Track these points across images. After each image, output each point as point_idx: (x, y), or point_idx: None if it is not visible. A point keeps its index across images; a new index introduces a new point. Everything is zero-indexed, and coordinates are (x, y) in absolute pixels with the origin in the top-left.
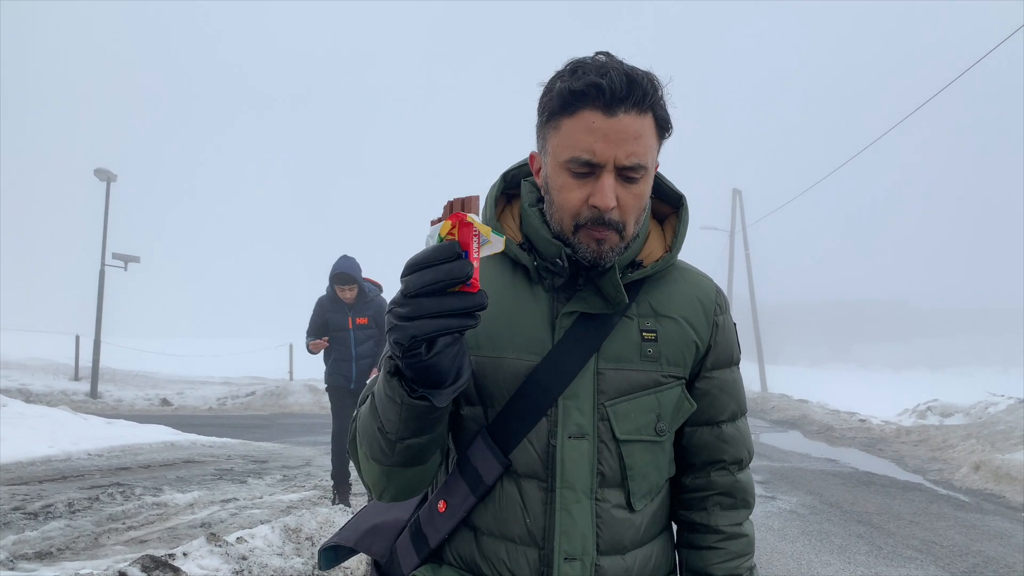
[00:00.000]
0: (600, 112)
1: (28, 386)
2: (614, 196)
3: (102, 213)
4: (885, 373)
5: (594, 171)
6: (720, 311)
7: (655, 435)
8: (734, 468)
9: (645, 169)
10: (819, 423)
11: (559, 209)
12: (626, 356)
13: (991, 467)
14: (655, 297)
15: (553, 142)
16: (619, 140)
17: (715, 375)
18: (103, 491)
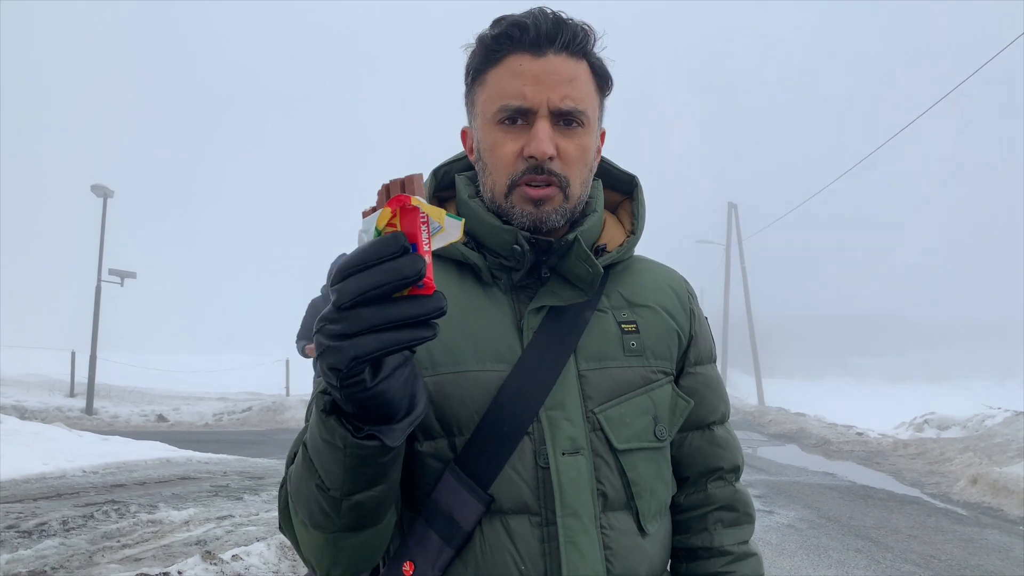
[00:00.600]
0: (527, 54)
1: (23, 403)
2: (552, 143)
3: (98, 228)
4: (882, 386)
5: (527, 118)
6: (693, 300)
7: (655, 440)
8: (732, 477)
9: (586, 116)
10: (816, 436)
11: (492, 171)
12: (608, 352)
13: (988, 480)
14: (625, 287)
15: (481, 99)
16: (551, 82)
17: (699, 371)
18: (98, 508)
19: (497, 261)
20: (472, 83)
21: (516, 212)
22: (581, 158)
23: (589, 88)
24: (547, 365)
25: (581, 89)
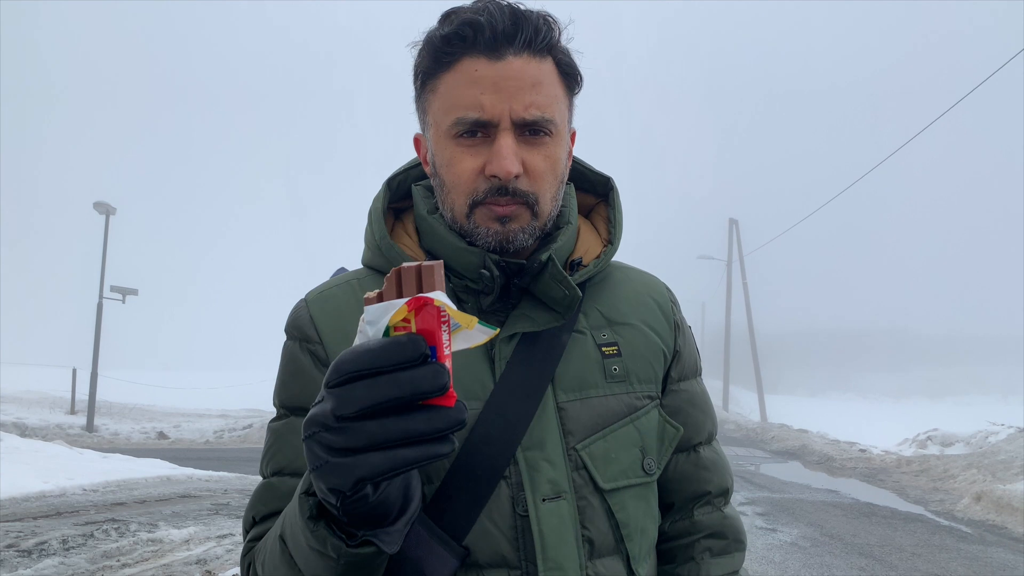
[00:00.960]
0: (483, 57)
1: (24, 420)
2: (517, 160)
3: (99, 245)
4: (884, 402)
5: (488, 132)
6: (677, 309)
7: (644, 475)
8: (720, 502)
9: (553, 125)
10: (819, 453)
11: (450, 190)
12: (588, 380)
13: (992, 498)
14: (604, 304)
15: (434, 108)
16: (513, 89)
17: (683, 387)
18: (98, 527)
19: (462, 284)
20: (422, 88)
21: (480, 232)
22: (551, 171)
23: (556, 90)
24: (523, 399)
25: (547, 93)
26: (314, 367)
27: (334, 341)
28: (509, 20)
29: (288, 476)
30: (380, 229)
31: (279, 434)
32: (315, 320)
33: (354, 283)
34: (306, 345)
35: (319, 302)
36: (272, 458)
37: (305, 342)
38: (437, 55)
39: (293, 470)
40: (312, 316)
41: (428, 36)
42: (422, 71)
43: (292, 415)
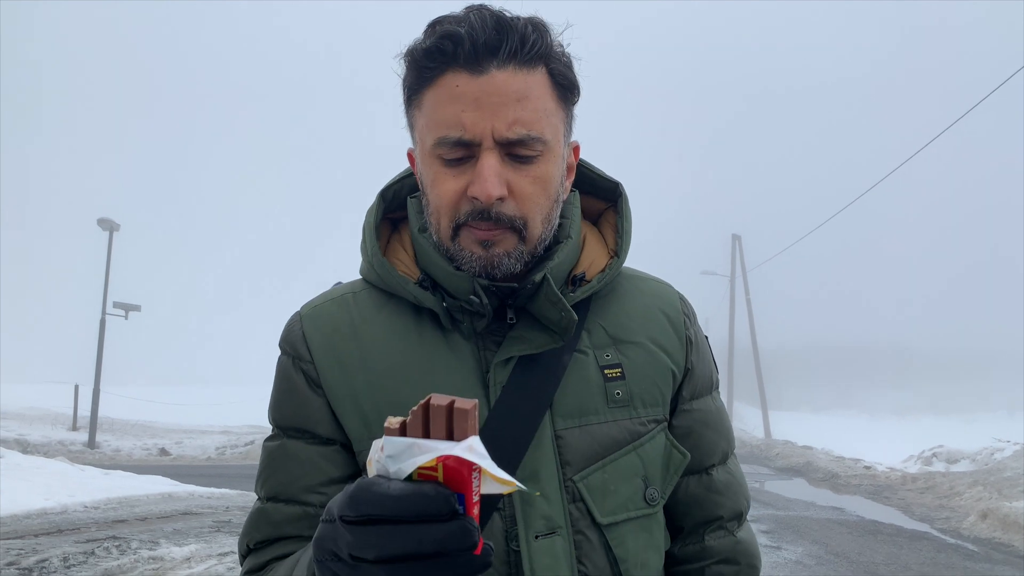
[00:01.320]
0: (465, 71)
1: (26, 436)
2: (500, 182)
3: (103, 260)
4: (889, 419)
5: (471, 152)
6: (690, 323)
7: (646, 506)
8: (733, 526)
9: (542, 142)
10: (824, 470)
11: (435, 211)
12: (588, 406)
13: (999, 515)
14: (609, 319)
15: (419, 125)
16: (495, 105)
17: (696, 407)
18: (99, 545)
19: (457, 304)
20: (408, 103)
21: (464, 256)
22: (541, 192)
23: (546, 103)
24: (518, 427)
25: (535, 108)
26: (307, 386)
27: (325, 362)
28: (492, 30)
29: (283, 503)
30: (372, 245)
31: (273, 456)
32: (307, 337)
33: (349, 298)
34: (298, 363)
35: (312, 318)
36: (266, 481)
37: (297, 359)
38: (419, 69)
39: (287, 497)
40: (304, 332)
41: (410, 49)
42: (407, 86)
43: (286, 436)
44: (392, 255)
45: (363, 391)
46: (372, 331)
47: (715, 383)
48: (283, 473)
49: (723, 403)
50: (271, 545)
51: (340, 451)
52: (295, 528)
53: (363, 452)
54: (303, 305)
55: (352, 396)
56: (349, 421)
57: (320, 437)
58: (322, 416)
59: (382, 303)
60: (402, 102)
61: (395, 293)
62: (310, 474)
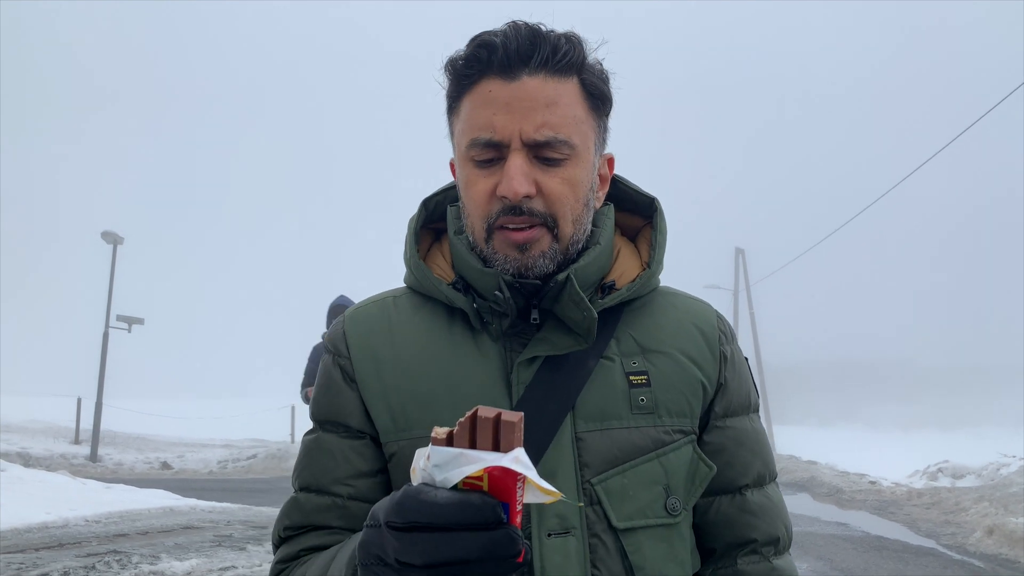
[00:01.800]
0: (498, 78)
1: (28, 450)
2: (527, 181)
3: (106, 273)
4: (894, 433)
5: (501, 153)
6: (726, 340)
7: (667, 516)
8: (769, 551)
9: (569, 146)
10: (828, 485)
11: (470, 212)
12: (611, 411)
13: (1005, 531)
14: (639, 329)
15: (456, 132)
16: (524, 109)
17: (730, 424)
18: (100, 559)
19: (486, 305)
20: (449, 113)
21: (499, 258)
22: (569, 194)
23: (576, 111)
24: (538, 426)
25: (563, 114)
26: (342, 380)
27: (360, 358)
28: (526, 40)
29: (313, 493)
30: (411, 249)
31: (309, 449)
32: (347, 335)
33: (390, 301)
34: (337, 359)
35: (353, 318)
36: (300, 473)
37: (337, 356)
38: (458, 78)
39: (318, 487)
40: (345, 331)
41: (450, 59)
42: (448, 97)
43: (322, 430)
44: (431, 260)
45: (392, 386)
46: (406, 331)
47: (753, 405)
48: (316, 465)
49: (763, 427)
50: (302, 535)
51: (369, 445)
52: (323, 518)
53: (390, 444)
54: (348, 309)
55: (382, 391)
56: (378, 415)
57: (352, 430)
58: (354, 409)
59: (419, 305)
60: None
61: (430, 295)
62: (340, 466)
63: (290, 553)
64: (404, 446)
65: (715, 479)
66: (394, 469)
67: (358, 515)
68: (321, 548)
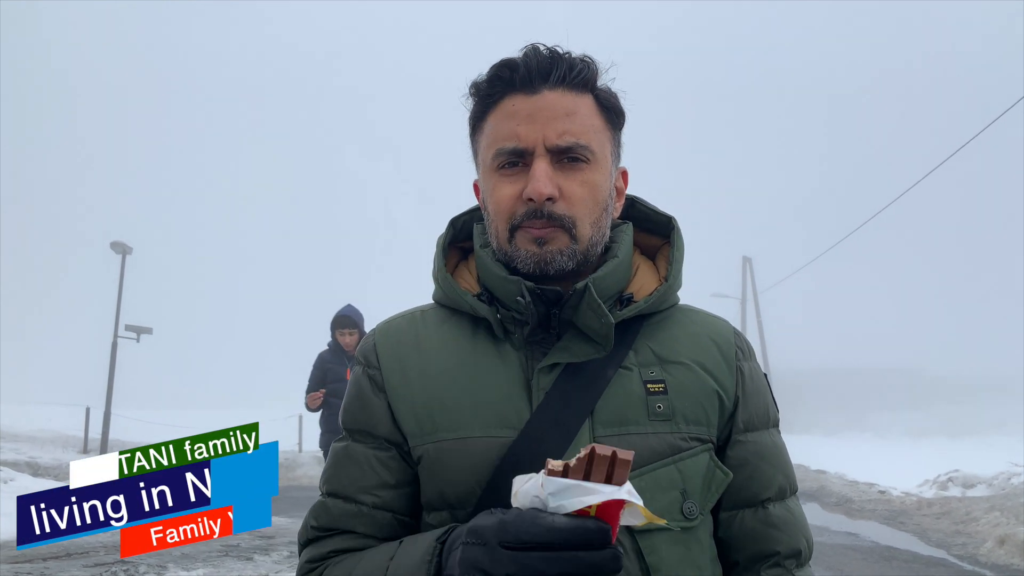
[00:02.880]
0: (521, 93)
1: (36, 459)
2: (552, 183)
3: (114, 282)
4: (903, 442)
5: (526, 160)
6: (743, 356)
7: (683, 519)
8: (791, 564)
9: (589, 151)
10: (837, 495)
11: (494, 217)
12: (629, 417)
13: (1016, 541)
14: (657, 341)
15: (481, 147)
16: (546, 118)
17: (751, 438)
18: (107, 569)
19: (509, 315)
20: (473, 133)
21: (520, 255)
22: (589, 197)
23: (593, 122)
24: (557, 431)
25: (582, 123)
26: (371, 391)
27: (389, 368)
28: (546, 59)
29: (340, 500)
30: (439, 264)
31: (338, 457)
32: (377, 348)
33: (418, 314)
34: (367, 370)
35: (384, 332)
36: (329, 479)
37: (367, 367)
38: (482, 97)
39: (345, 495)
40: (376, 343)
41: (474, 82)
42: (472, 117)
43: (352, 440)
44: (457, 276)
45: (419, 393)
46: (433, 342)
47: (773, 419)
48: (344, 473)
49: (783, 442)
50: (329, 538)
51: (395, 457)
52: (349, 524)
53: (416, 448)
54: (378, 323)
55: (410, 398)
56: (405, 420)
57: (379, 439)
58: (382, 417)
59: (446, 318)
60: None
61: (456, 307)
62: (367, 476)
63: (318, 554)
64: (430, 449)
65: (738, 493)
66: (423, 471)
67: (382, 523)
68: (348, 551)
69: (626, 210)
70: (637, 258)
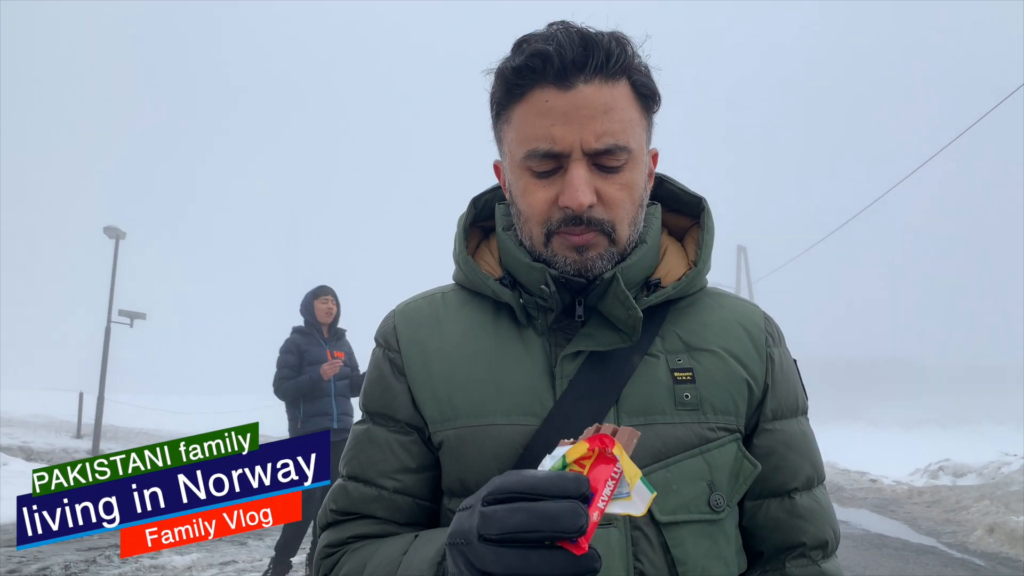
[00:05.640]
0: (553, 87)
1: (30, 444)
2: (590, 190)
3: (108, 268)
4: (895, 431)
5: (560, 163)
6: (774, 342)
7: (710, 511)
8: (817, 555)
9: (627, 152)
10: (829, 483)
11: (526, 220)
12: (656, 406)
13: (1006, 530)
14: (685, 328)
15: (508, 139)
16: (583, 118)
17: (779, 427)
18: (100, 553)
19: (532, 300)
20: (497, 118)
21: (559, 260)
22: (627, 198)
23: (631, 113)
24: (581, 419)
25: (620, 119)
26: (392, 373)
27: (409, 351)
28: (579, 47)
29: (361, 484)
30: (460, 245)
31: (358, 440)
32: (397, 330)
33: (439, 296)
34: (387, 352)
35: (403, 313)
36: (349, 462)
37: (387, 349)
38: (509, 86)
39: (365, 479)
40: (396, 325)
41: (500, 67)
42: (496, 101)
43: (372, 422)
44: (479, 257)
45: (439, 377)
46: (454, 325)
47: (802, 408)
48: (364, 456)
49: (812, 430)
50: (349, 522)
51: (416, 441)
52: (369, 508)
53: (437, 433)
54: (398, 304)
55: (430, 381)
56: (425, 404)
57: (400, 423)
58: (403, 401)
59: (467, 301)
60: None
61: (477, 290)
62: (387, 460)
63: (338, 538)
64: (450, 435)
65: (764, 482)
66: (444, 457)
67: (402, 508)
68: (367, 536)
69: (654, 189)
70: (665, 240)
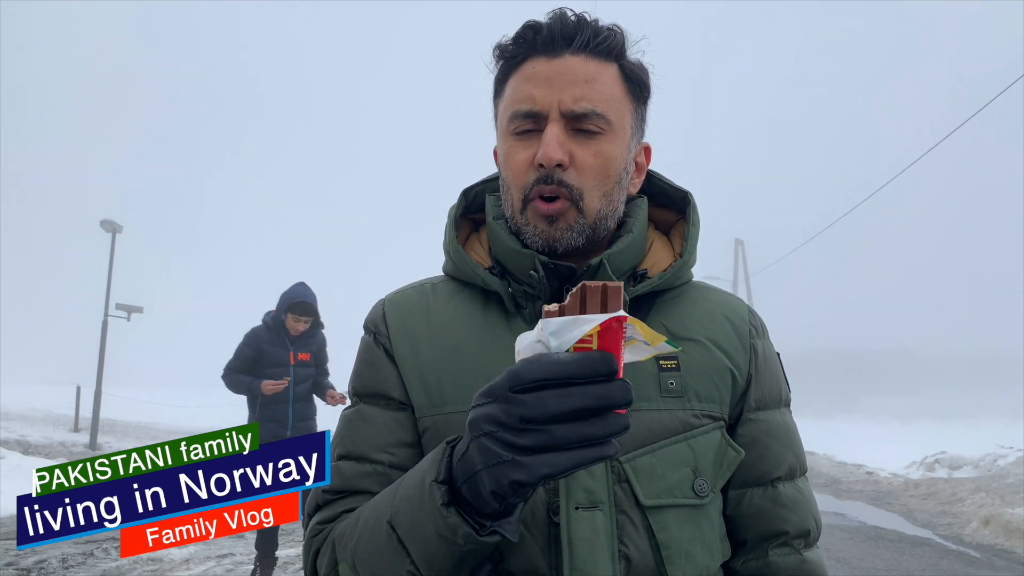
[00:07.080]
0: (542, 56)
1: (27, 437)
2: (562, 148)
3: (105, 262)
4: (892, 424)
5: (539, 124)
6: (757, 334)
7: (694, 496)
8: (799, 544)
9: (606, 120)
10: (825, 476)
11: (508, 186)
12: (641, 393)
13: (1001, 522)
14: (670, 318)
15: (500, 110)
16: (565, 82)
17: (762, 417)
18: (98, 546)
19: (521, 289)
20: (495, 97)
21: (529, 231)
22: (600, 168)
23: (615, 91)
24: None
25: (601, 91)
26: (384, 358)
27: (398, 338)
28: (572, 23)
29: (353, 460)
30: (450, 235)
31: (348, 421)
32: (387, 317)
33: (428, 286)
34: (378, 338)
35: (393, 302)
36: (341, 442)
37: (377, 335)
38: (506, 60)
39: (359, 455)
40: (385, 313)
41: (497, 44)
42: (496, 83)
43: (362, 402)
44: (469, 248)
45: (428, 364)
46: (443, 314)
47: (785, 400)
48: (357, 434)
49: (794, 422)
50: (341, 499)
51: (411, 416)
52: (364, 483)
53: (424, 419)
54: (387, 294)
55: (418, 369)
56: (414, 390)
57: (394, 400)
58: (396, 383)
59: (456, 291)
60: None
61: (467, 280)
62: (382, 434)
63: (329, 515)
64: (438, 421)
65: (748, 471)
66: (427, 444)
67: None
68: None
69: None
70: (651, 233)
